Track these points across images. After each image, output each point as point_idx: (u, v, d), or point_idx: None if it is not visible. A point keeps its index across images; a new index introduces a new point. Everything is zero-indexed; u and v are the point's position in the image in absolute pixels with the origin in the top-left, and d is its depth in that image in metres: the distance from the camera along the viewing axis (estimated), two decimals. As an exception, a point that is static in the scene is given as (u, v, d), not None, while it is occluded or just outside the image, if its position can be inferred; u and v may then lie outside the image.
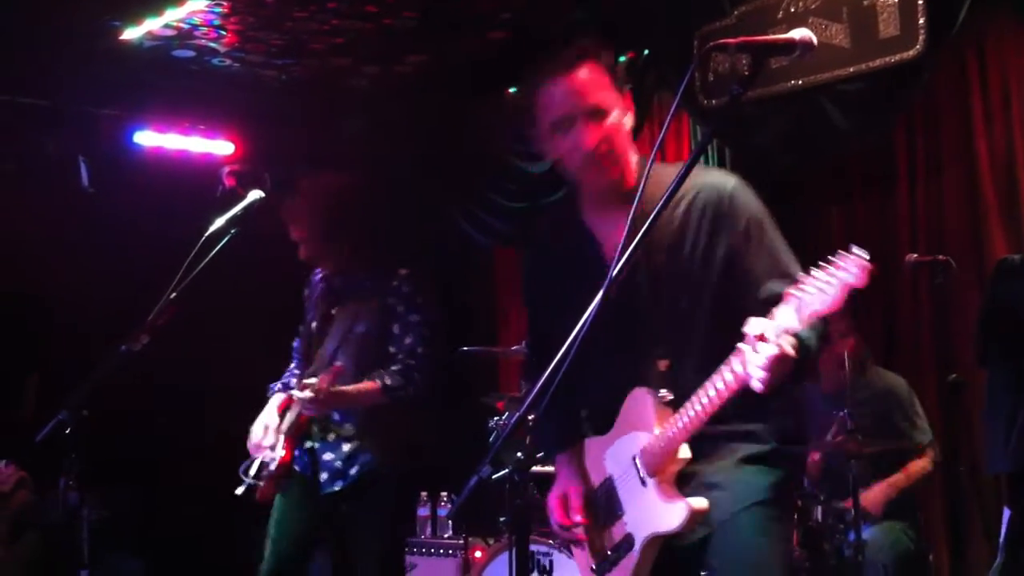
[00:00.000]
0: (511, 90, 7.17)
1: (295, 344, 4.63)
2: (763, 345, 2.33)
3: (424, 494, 6.14)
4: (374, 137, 7.49)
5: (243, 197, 4.33)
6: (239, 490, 4.25)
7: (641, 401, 2.70)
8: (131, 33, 6.31)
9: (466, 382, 6.56)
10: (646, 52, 6.33)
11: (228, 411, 4.68)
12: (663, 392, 2.66)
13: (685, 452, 2.63)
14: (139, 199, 6.75)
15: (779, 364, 2.35)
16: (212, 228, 4.13)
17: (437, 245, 7.44)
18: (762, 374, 2.36)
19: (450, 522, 5.95)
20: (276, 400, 4.43)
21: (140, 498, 6.75)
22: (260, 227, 4.39)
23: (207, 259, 4.04)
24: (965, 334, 4.97)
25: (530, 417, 2.43)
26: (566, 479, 2.95)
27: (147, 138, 7.26)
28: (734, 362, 2.44)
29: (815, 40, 2.46)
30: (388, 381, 4.20)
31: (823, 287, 2.22)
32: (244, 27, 6.39)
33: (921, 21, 5.04)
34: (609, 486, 2.80)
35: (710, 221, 2.73)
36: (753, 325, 2.35)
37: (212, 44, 6.66)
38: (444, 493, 6.18)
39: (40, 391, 6.76)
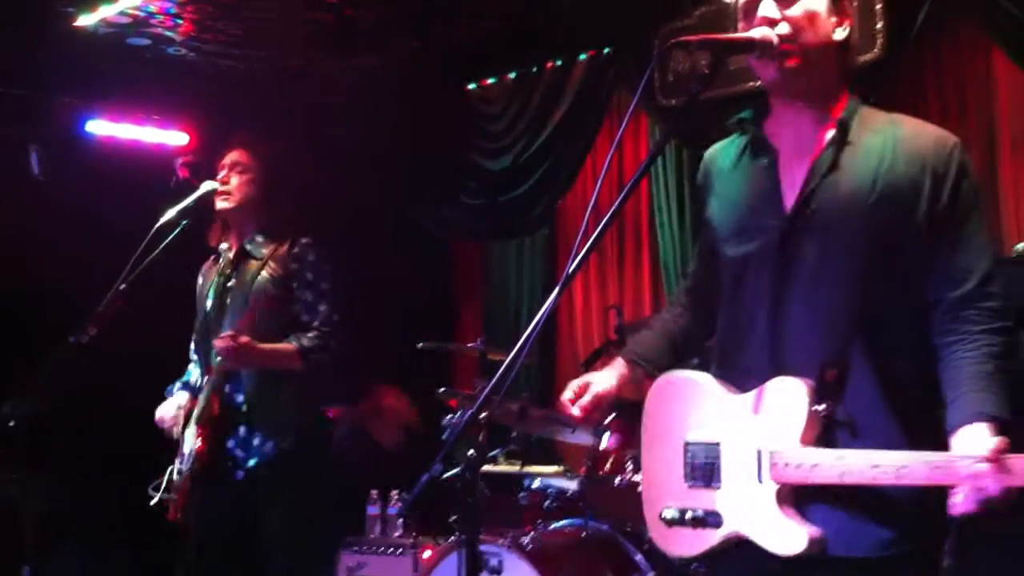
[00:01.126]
0: (471, 86, 7.16)
1: (191, 346, 4.50)
2: (995, 477, 2.10)
3: (374, 492, 6.10)
4: (333, 130, 7.44)
5: (196, 188, 4.29)
6: (152, 502, 4.17)
7: (792, 397, 2.37)
8: (85, 19, 6.22)
9: (420, 378, 6.53)
10: (606, 50, 6.33)
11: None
12: (825, 406, 2.35)
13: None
14: (91, 188, 6.65)
15: (997, 502, 2.13)
16: (163, 219, 4.08)
17: (394, 239, 7.40)
18: (974, 507, 2.15)
19: (400, 521, 5.90)
20: (180, 397, 4.36)
21: (88, 491, 6.66)
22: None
23: (158, 250, 4.00)
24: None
25: (482, 416, 2.41)
26: (606, 376, 2.80)
27: (100, 127, 7.16)
28: (945, 463, 2.16)
29: (775, 40, 2.45)
30: (305, 343, 4.13)
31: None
32: (201, 16, 6.32)
33: (879, 25, 5.07)
34: (713, 452, 2.51)
35: (916, 175, 2.40)
36: (988, 446, 2.12)
37: (168, 33, 6.58)
38: (394, 492, 6.15)
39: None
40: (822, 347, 2.39)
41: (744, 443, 2.45)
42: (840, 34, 2.51)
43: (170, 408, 4.32)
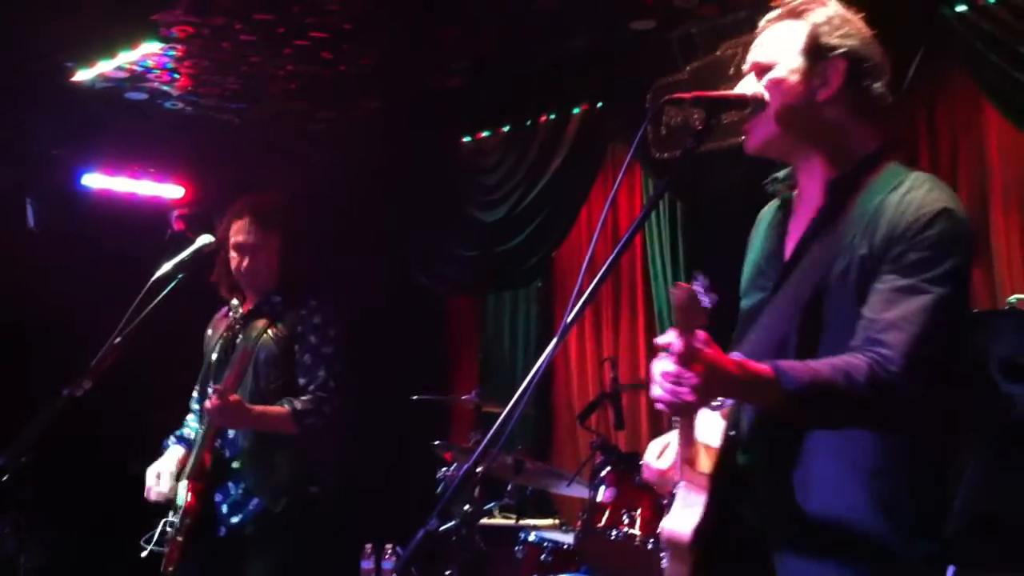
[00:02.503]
0: (466, 139, 7.21)
1: (193, 395, 4.50)
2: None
3: (369, 546, 6.06)
4: (329, 183, 7.47)
5: (192, 241, 4.29)
6: (143, 554, 4.14)
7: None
8: (83, 74, 6.27)
9: (416, 431, 6.51)
10: (600, 104, 6.39)
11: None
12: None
13: (704, 467, 2.43)
14: (86, 241, 6.68)
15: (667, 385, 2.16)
16: (159, 273, 4.08)
17: (390, 292, 7.41)
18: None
19: (395, 576, 5.86)
20: (175, 452, 4.34)
21: (82, 546, 6.62)
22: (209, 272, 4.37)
23: (153, 304, 4.00)
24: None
25: (478, 470, 2.39)
26: (668, 438, 2.66)
27: (96, 180, 7.19)
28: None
29: (767, 96, 2.48)
30: (299, 406, 4.12)
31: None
32: (198, 70, 6.37)
33: (870, 80, 5.11)
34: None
35: (881, 242, 2.31)
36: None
37: (165, 87, 6.64)
38: (389, 545, 6.11)
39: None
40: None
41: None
42: (823, 93, 2.46)
43: (154, 475, 4.27)
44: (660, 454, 2.62)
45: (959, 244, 2.30)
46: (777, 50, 2.49)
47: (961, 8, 4.99)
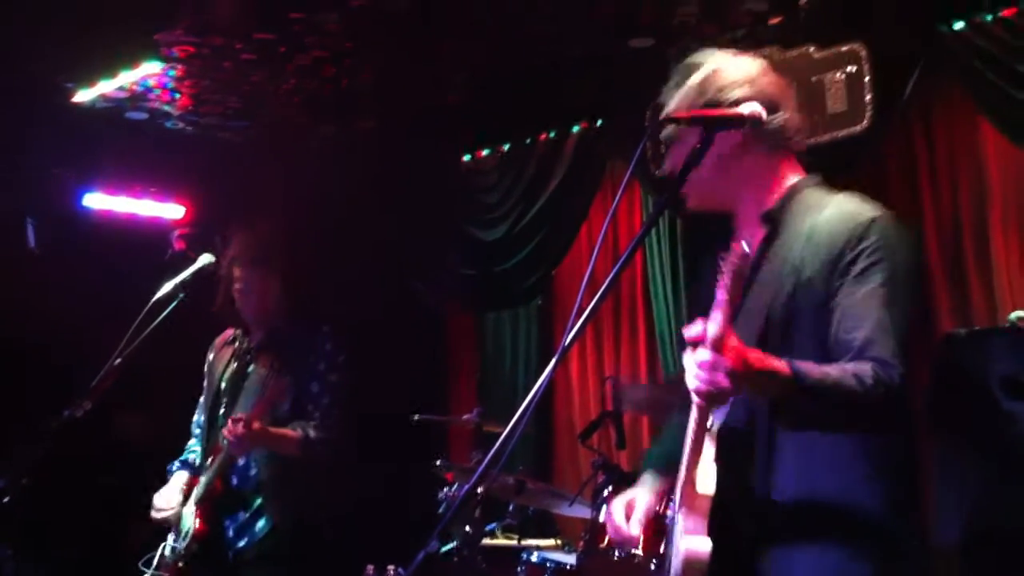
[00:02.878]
0: (466, 157, 7.22)
1: (195, 419, 4.49)
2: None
3: (370, 568, 6.03)
4: (329, 201, 7.48)
5: (193, 261, 4.29)
6: None
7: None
8: (84, 95, 6.28)
9: (416, 451, 6.50)
10: (599, 122, 6.40)
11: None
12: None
13: (705, 489, 2.41)
14: (87, 261, 6.68)
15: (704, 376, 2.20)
16: (160, 292, 4.08)
17: (389, 310, 7.41)
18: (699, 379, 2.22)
19: (396, 598, 5.83)
20: (181, 478, 4.34)
21: (81, 568, 6.60)
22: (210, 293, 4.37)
23: (154, 324, 4.00)
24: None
25: (479, 490, 2.39)
26: (639, 490, 2.80)
27: (97, 200, 7.19)
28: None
29: (764, 115, 2.49)
30: (312, 434, 4.12)
31: None
32: (198, 90, 6.39)
33: (868, 97, 5.14)
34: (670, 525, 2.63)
35: (824, 260, 2.42)
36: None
37: (166, 107, 6.65)
38: (391, 567, 6.08)
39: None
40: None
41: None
42: (731, 139, 2.52)
43: (164, 500, 4.27)
44: (627, 515, 2.71)
45: (900, 243, 2.42)
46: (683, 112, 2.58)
47: (958, 25, 5.01)
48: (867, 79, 5.14)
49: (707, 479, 2.42)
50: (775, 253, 2.50)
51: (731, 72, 2.60)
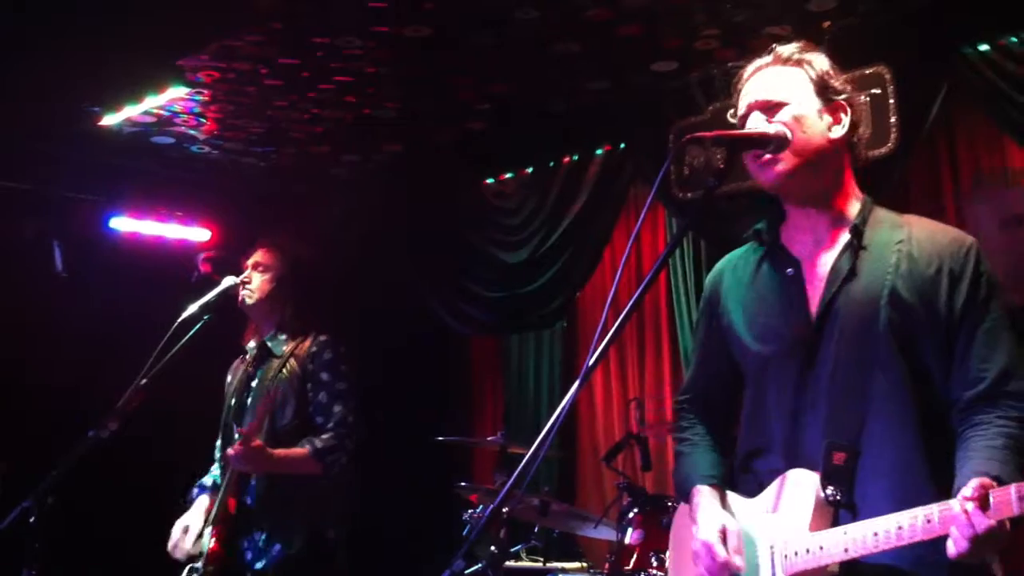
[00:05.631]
0: (489, 180, 7.24)
1: (217, 443, 4.50)
2: (978, 515, 2.08)
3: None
4: (352, 226, 7.51)
5: (218, 284, 4.32)
6: None
7: (803, 488, 2.40)
8: (110, 119, 6.33)
9: (440, 471, 6.50)
10: (622, 145, 6.41)
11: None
12: (831, 490, 2.36)
13: (835, 567, 2.33)
14: (113, 284, 6.72)
15: (989, 540, 2.08)
16: (185, 314, 4.11)
17: (413, 333, 7.42)
18: (965, 545, 2.09)
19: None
20: (201, 503, 4.34)
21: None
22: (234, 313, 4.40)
23: (179, 345, 4.02)
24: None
25: (504, 510, 2.37)
26: (723, 515, 2.54)
27: (123, 223, 7.25)
28: (936, 512, 2.14)
29: (790, 135, 2.48)
30: (319, 445, 4.11)
31: None
32: (224, 115, 6.44)
33: (892, 119, 5.12)
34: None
35: (932, 276, 2.41)
36: (976, 485, 2.11)
37: (191, 131, 6.70)
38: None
39: (7, 477, 6.66)
40: (834, 435, 2.39)
41: (761, 543, 2.46)
42: (837, 132, 2.53)
43: (181, 529, 4.28)
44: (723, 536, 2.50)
45: (994, 272, 2.46)
46: (787, 90, 2.53)
47: (983, 47, 4.99)
48: (891, 101, 5.13)
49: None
50: (867, 266, 2.46)
51: (837, 72, 2.61)
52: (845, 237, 2.51)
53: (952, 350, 2.38)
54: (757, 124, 2.52)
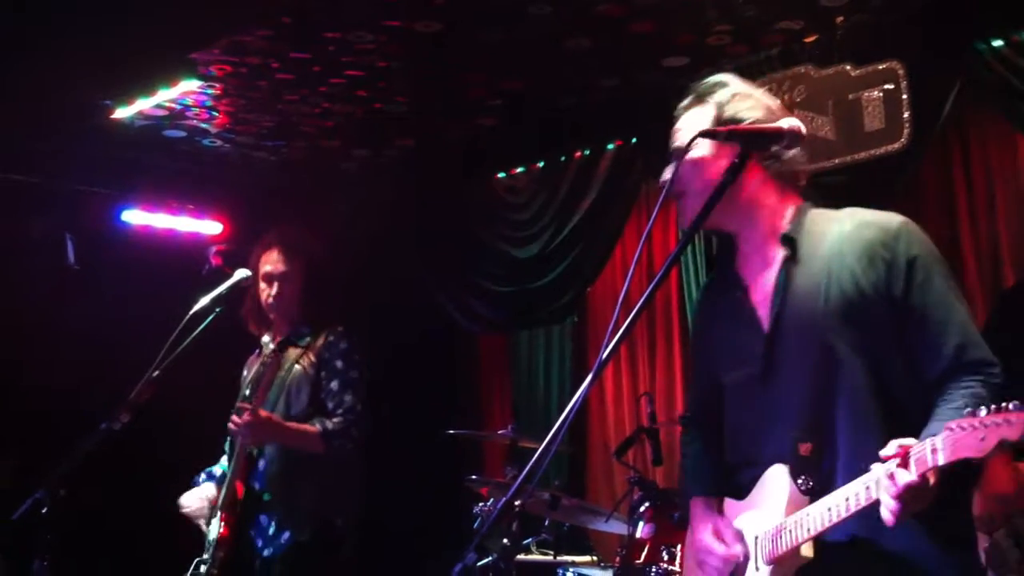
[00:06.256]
0: (500, 175, 7.24)
1: (228, 439, 4.51)
2: (900, 472, 2.13)
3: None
4: (362, 220, 7.52)
5: (229, 276, 4.34)
6: None
7: (777, 482, 2.49)
8: (122, 112, 6.34)
9: (450, 466, 6.51)
10: (634, 140, 6.40)
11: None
12: (802, 479, 2.44)
13: (807, 551, 2.41)
14: (125, 277, 6.74)
15: (916, 496, 2.13)
16: (197, 307, 4.12)
17: (423, 328, 7.43)
18: (893, 504, 2.14)
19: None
20: (207, 487, 4.37)
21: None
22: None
23: (191, 338, 4.04)
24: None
25: (517, 503, 2.38)
26: (714, 518, 2.69)
27: (135, 216, 7.27)
28: (870, 480, 2.22)
29: (803, 129, 2.48)
30: (329, 427, 4.16)
31: (981, 431, 2.00)
32: (235, 108, 6.45)
33: (906, 115, 5.11)
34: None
35: (865, 269, 2.44)
36: (892, 446, 2.16)
37: (203, 125, 6.71)
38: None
39: (19, 469, 6.68)
40: (798, 429, 2.47)
41: (747, 537, 2.58)
42: (730, 166, 2.50)
43: (193, 498, 4.32)
44: (720, 539, 2.62)
45: (929, 239, 2.48)
46: (691, 133, 2.55)
47: (996, 43, 4.98)
48: (905, 97, 5.12)
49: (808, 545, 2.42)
50: (802, 274, 2.51)
51: (750, 98, 2.63)
52: (781, 252, 2.56)
53: (909, 335, 2.40)
54: (665, 175, 2.64)
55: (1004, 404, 2.00)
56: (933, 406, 2.35)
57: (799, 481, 2.44)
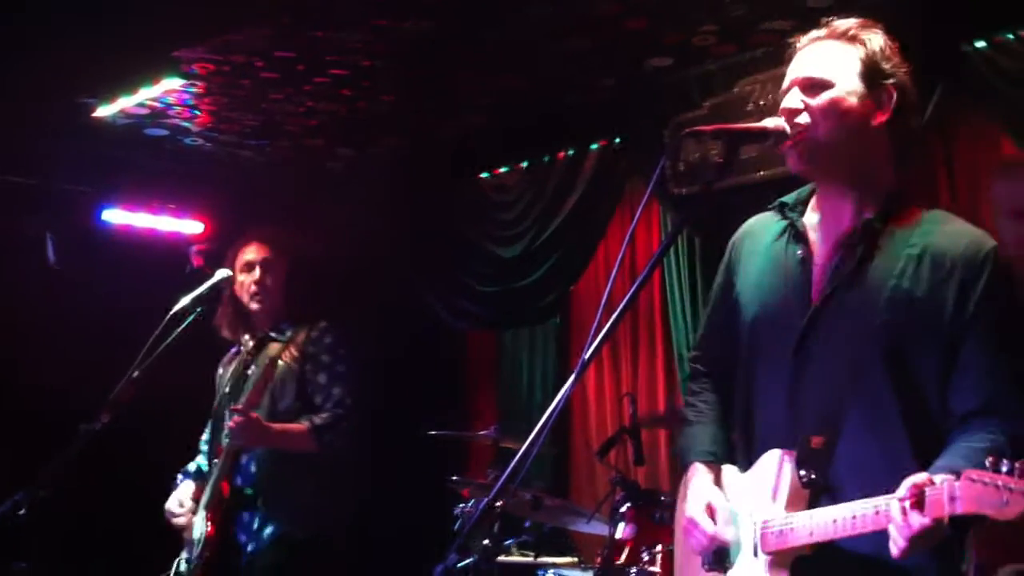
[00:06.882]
0: (484, 175, 7.23)
1: (203, 437, 4.52)
2: (914, 515, 2.09)
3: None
4: (347, 220, 7.49)
5: (210, 276, 4.32)
6: None
7: (781, 468, 2.44)
8: (104, 110, 6.31)
9: (434, 466, 6.48)
10: (618, 140, 6.40)
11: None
12: (804, 472, 2.39)
13: (805, 551, 2.39)
14: (106, 276, 6.71)
15: (926, 537, 2.10)
16: (177, 307, 4.11)
17: (408, 327, 7.41)
18: (903, 544, 2.11)
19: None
20: (188, 487, 4.34)
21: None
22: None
23: (172, 338, 4.02)
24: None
25: (498, 504, 2.37)
26: (711, 491, 2.59)
27: (116, 216, 7.23)
28: (881, 507, 2.18)
29: (788, 129, 2.47)
30: (318, 421, 4.14)
31: (1005, 494, 1.94)
32: (218, 107, 6.42)
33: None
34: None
35: (937, 282, 2.36)
36: (909, 484, 2.11)
37: (185, 123, 6.68)
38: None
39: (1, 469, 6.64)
40: (815, 419, 2.41)
41: (746, 520, 2.51)
42: (878, 117, 2.47)
43: (177, 503, 4.29)
44: (712, 516, 2.55)
45: (1009, 276, 2.40)
46: (833, 69, 2.47)
47: (980, 44, 4.98)
48: (887, 98, 5.12)
49: None
50: (874, 263, 2.43)
51: (893, 52, 2.53)
52: (860, 227, 2.47)
53: (953, 357, 2.34)
54: (792, 102, 2.48)
55: None
56: (953, 435, 2.31)
57: (801, 473, 2.40)
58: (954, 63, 5.04)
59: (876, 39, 2.52)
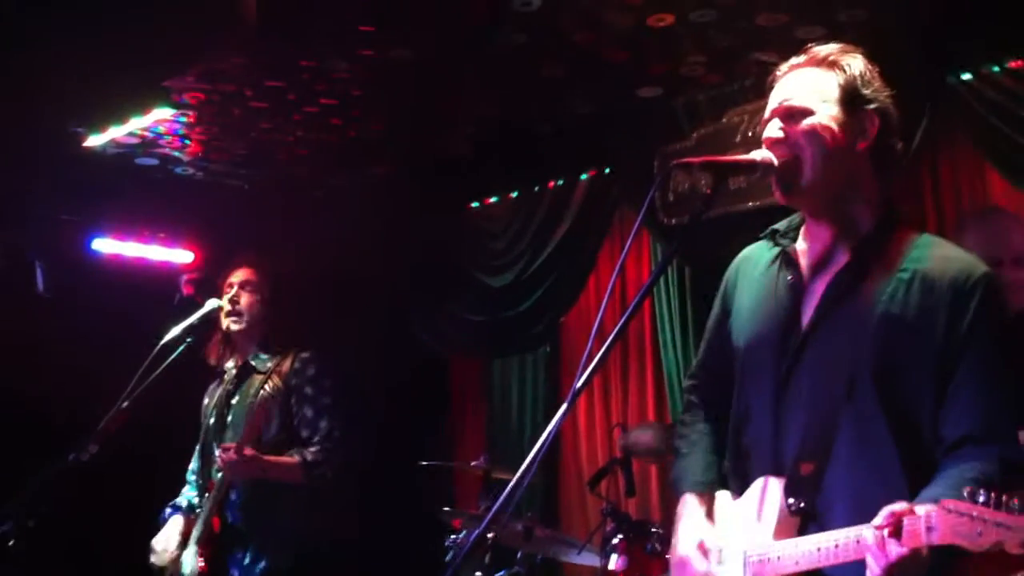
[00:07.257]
0: (474, 204, 7.24)
1: (191, 467, 4.51)
2: (891, 544, 2.07)
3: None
4: (335, 248, 7.49)
5: (200, 306, 4.32)
6: None
7: (771, 496, 2.43)
8: (95, 140, 6.31)
9: (422, 497, 6.46)
10: (607, 170, 6.42)
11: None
12: (793, 500, 2.37)
13: None
14: (95, 306, 6.69)
15: (907, 567, 2.06)
16: (167, 337, 4.10)
17: (396, 356, 7.40)
18: (878, 572, 2.09)
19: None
20: (176, 523, 4.32)
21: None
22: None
23: (161, 368, 4.01)
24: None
25: (489, 535, 2.36)
26: (702, 528, 2.59)
27: (106, 245, 7.22)
28: (862, 535, 2.15)
29: (776, 161, 2.48)
30: (309, 458, 4.13)
31: (979, 525, 1.93)
32: (208, 136, 6.43)
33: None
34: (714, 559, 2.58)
35: (928, 308, 2.35)
36: (887, 512, 2.10)
37: (176, 153, 6.68)
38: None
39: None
40: (804, 446, 2.40)
41: (736, 549, 2.49)
42: (859, 142, 2.47)
43: (162, 544, 4.27)
44: (702, 550, 2.54)
45: (1005, 302, 2.43)
46: (812, 97, 2.48)
47: (966, 76, 5.02)
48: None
49: None
50: (864, 287, 2.41)
51: (873, 77, 2.53)
52: (848, 254, 2.48)
53: (944, 382, 2.32)
54: (772, 131, 2.49)
55: (1006, 498, 1.92)
56: (944, 463, 2.30)
57: (790, 501, 2.38)
58: (941, 95, 5.07)
59: (856, 64, 2.53)
